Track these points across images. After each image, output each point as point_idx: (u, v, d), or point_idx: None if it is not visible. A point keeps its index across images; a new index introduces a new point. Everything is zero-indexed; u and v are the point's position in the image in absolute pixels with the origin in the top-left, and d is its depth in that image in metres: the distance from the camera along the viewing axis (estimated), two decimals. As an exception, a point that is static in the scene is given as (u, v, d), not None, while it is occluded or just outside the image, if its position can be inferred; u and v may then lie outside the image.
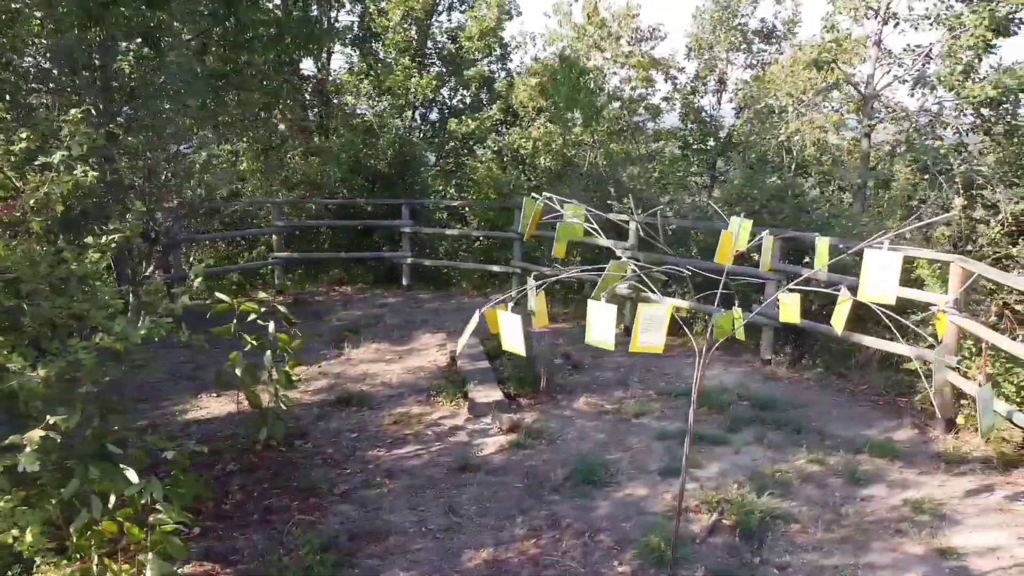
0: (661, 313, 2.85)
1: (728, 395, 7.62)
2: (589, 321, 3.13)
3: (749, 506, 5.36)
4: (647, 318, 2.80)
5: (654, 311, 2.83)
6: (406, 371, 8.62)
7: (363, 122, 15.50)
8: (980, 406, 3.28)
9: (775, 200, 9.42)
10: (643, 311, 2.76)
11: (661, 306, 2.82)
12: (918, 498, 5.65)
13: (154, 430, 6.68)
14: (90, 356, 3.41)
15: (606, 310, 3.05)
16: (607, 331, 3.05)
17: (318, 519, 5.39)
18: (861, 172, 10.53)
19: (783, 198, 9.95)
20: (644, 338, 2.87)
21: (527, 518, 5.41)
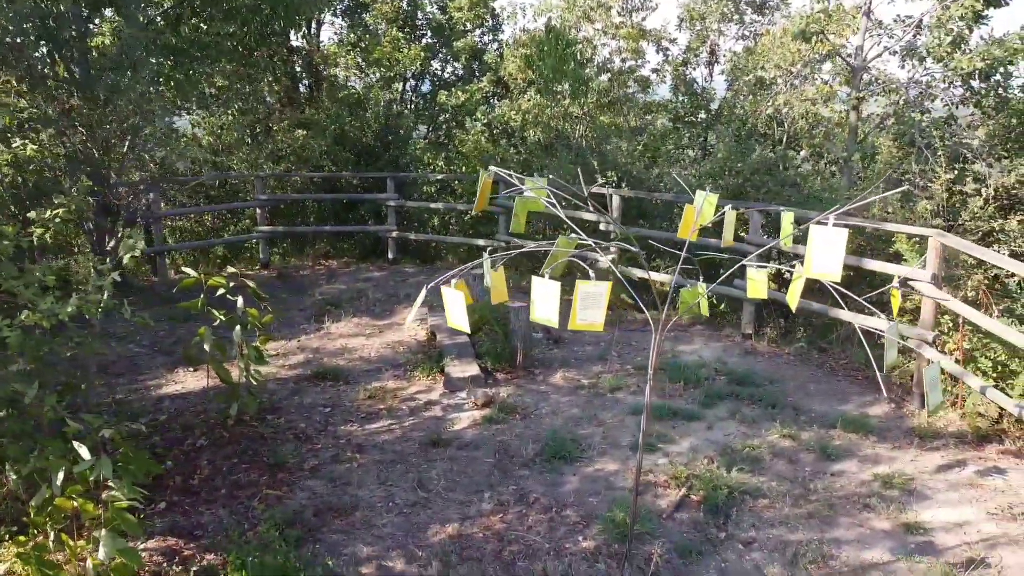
0: (600, 290, 2.78)
1: (706, 370, 7.59)
2: (533, 298, 3.07)
3: (717, 481, 5.35)
4: (586, 295, 2.74)
5: (592, 288, 2.76)
6: (385, 345, 8.58)
7: (351, 94, 15.32)
8: (927, 385, 3.24)
9: (759, 174, 9.32)
10: (581, 288, 2.70)
11: (600, 284, 2.76)
12: (888, 473, 5.63)
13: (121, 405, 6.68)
14: (16, 333, 3.35)
15: (550, 287, 2.99)
16: (551, 308, 2.98)
17: (286, 494, 5.37)
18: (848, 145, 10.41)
19: (769, 171, 9.86)
20: (584, 315, 2.82)
21: (495, 493, 5.39)
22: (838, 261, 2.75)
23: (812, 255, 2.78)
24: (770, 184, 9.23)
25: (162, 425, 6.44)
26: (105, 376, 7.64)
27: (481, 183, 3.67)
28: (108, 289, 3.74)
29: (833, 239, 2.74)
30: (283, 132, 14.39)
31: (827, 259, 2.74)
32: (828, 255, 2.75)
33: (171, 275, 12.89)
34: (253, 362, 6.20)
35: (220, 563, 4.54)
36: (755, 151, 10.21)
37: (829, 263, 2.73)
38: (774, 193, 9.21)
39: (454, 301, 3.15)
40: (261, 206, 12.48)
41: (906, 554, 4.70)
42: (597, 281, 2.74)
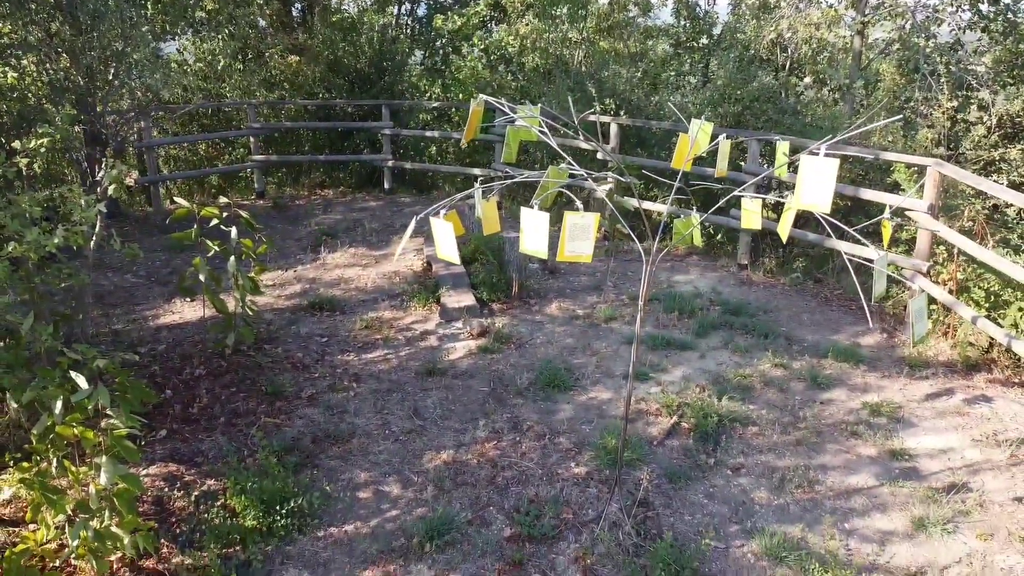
0: (587, 222, 2.77)
1: (700, 300, 7.63)
2: (523, 229, 3.05)
3: (708, 409, 5.43)
4: (573, 226, 2.72)
5: (579, 219, 2.74)
6: (381, 276, 8.59)
7: (344, 19, 14.93)
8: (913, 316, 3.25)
9: (759, 102, 9.17)
10: (568, 219, 2.68)
11: (587, 215, 2.74)
12: (877, 402, 5.72)
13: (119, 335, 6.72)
14: (3, 265, 3.35)
15: (539, 218, 2.96)
16: (540, 239, 2.97)
17: (283, 422, 5.46)
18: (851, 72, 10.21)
19: (770, 98, 9.69)
20: (571, 247, 2.80)
21: (489, 421, 5.48)
22: (828, 192, 2.72)
23: (802, 186, 2.76)
24: (770, 112, 9.08)
25: (160, 355, 6.50)
26: (102, 307, 7.67)
27: (471, 112, 3.61)
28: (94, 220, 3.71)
29: (824, 169, 2.70)
30: (276, 58, 14.09)
31: (817, 190, 2.71)
32: (818, 186, 2.72)
33: (166, 205, 12.84)
34: (249, 293, 6.22)
35: (220, 488, 4.65)
36: (756, 78, 10.02)
37: (819, 194, 2.70)
38: (774, 122, 9.08)
39: (443, 232, 3.13)
40: (255, 135, 12.31)
41: (890, 479, 4.82)
42: (585, 212, 2.72)
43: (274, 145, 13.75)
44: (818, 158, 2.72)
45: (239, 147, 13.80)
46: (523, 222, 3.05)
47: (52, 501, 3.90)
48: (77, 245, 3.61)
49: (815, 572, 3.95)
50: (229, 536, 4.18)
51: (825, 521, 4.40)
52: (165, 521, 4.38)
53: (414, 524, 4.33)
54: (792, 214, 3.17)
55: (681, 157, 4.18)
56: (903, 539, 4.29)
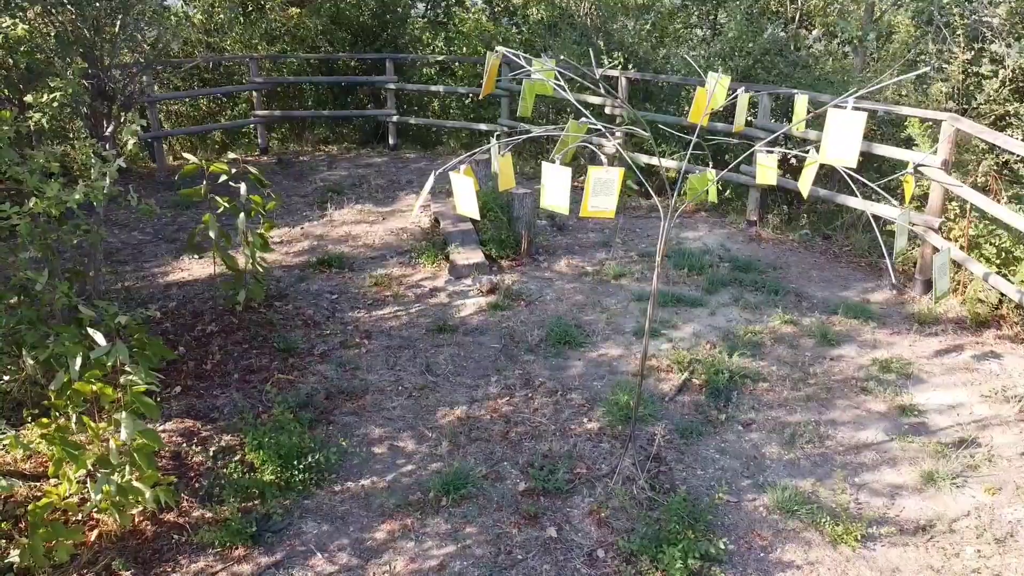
0: (612, 176, 2.74)
1: (709, 256, 7.62)
2: (544, 184, 3.03)
3: (719, 366, 5.46)
4: (597, 181, 2.69)
5: (604, 174, 2.71)
6: (389, 233, 8.57)
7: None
8: (936, 272, 3.24)
9: (770, 55, 9.02)
10: (593, 174, 2.65)
11: (612, 169, 2.71)
12: (887, 358, 5.74)
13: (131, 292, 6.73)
14: (25, 222, 3.33)
15: (560, 173, 2.94)
16: (562, 195, 2.94)
17: (297, 379, 5.50)
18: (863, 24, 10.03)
19: (780, 51, 9.54)
20: (595, 202, 2.78)
21: (501, 377, 5.52)
22: (855, 147, 2.69)
23: (828, 140, 2.72)
24: (781, 66, 8.94)
25: (172, 312, 6.52)
26: (111, 264, 7.67)
27: (488, 65, 3.55)
28: (112, 176, 3.68)
29: (851, 123, 2.67)
30: (276, 10, 13.84)
31: (844, 144, 2.68)
32: (845, 140, 2.68)
33: (170, 161, 12.73)
34: (258, 249, 6.21)
35: (238, 443, 4.70)
36: (767, 30, 9.85)
37: (845, 149, 2.67)
38: (785, 75, 8.95)
39: (463, 187, 3.11)
40: (257, 89, 12.16)
41: (900, 434, 4.86)
42: (609, 167, 2.69)
43: (277, 100, 13.59)
44: (845, 111, 2.68)
45: (241, 102, 13.64)
46: (544, 177, 3.02)
47: (73, 456, 3.95)
48: (96, 201, 3.58)
49: (826, 525, 4.01)
50: (248, 491, 4.24)
51: (835, 476, 4.46)
52: (184, 476, 4.44)
53: (430, 479, 4.39)
54: (814, 169, 3.14)
55: (699, 111, 4.13)
56: (912, 493, 4.34)
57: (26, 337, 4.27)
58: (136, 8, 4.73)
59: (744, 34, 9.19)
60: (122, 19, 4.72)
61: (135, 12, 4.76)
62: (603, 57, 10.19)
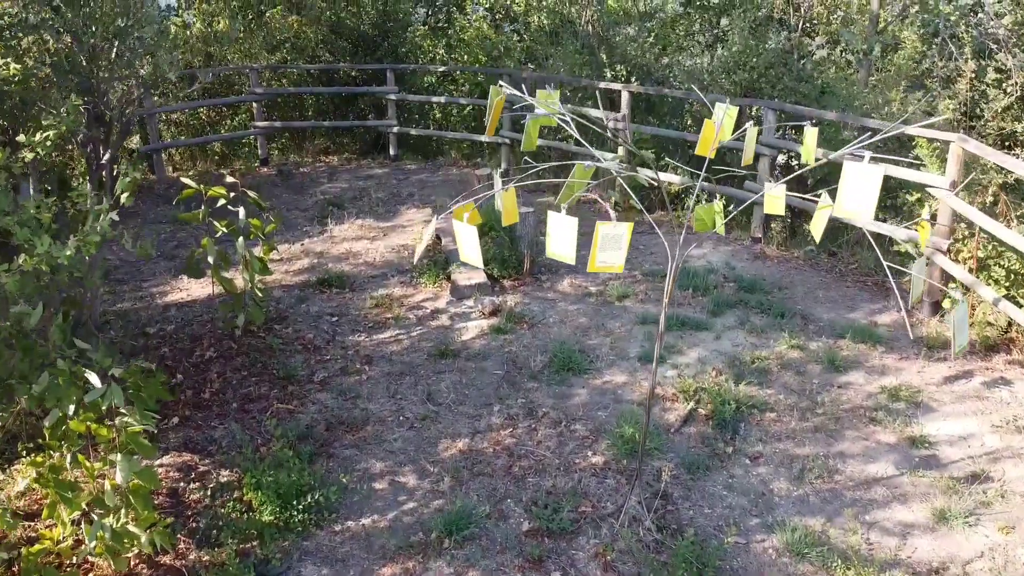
0: (620, 232, 2.65)
1: (714, 276, 7.53)
2: (549, 233, 2.94)
3: (725, 395, 5.37)
4: (605, 237, 2.60)
5: (612, 229, 2.62)
6: (389, 249, 8.48)
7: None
8: (955, 326, 3.15)
9: (774, 68, 8.93)
10: (600, 229, 2.56)
11: (620, 225, 2.62)
12: (895, 385, 5.65)
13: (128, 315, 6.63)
14: (14, 279, 3.24)
15: (567, 223, 2.85)
16: (568, 245, 2.86)
17: (296, 408, 5.42)
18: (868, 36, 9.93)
19: (785, 63, 9.45)
20: (603, 257, 2.69)
21: (504, 407, 5.43)
22: (871, 202, 2.59)
23: (843, 192, 2.63)
24: (786, 80, 8.85)
25: (170, 335, 6.44)
26: (109, 283, 7.59)
27: (493, 104, 3.47)
28: (106, 230, 3.58)
29: (868, 178, 2.58)
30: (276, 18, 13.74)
31: (859, 199, 2.59)
32: (861, 194, 2.59)
33: (170, 172, 12.65)
34: (257, 273, 6.12)
35: (236, 479, 4.61)
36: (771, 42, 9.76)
37: (861, 203, 2.58)
38: (790, 89, 8.86)
39: (466, 235, 3.02)
40: (257, 100, 12.09)
41: (911, 468, 4.77)
42: (617, 222, 2.60)
43: (277, 110, 13.51)
44: (862, 165, 2.59)
45: (241, 112, 13.56)
46: (549, 226, 2.93)
47: (67, 500, 3.86)
48: (89, 254, 3.49)
49: (837, 570, 3.92)
50: (246, 531, 4.15)
51: (846, 513, 4.37)
52: (181, 514, 4.35)
53: (432, 517, 4.30)
54: (826, 215, 3.05)
55: (706, 144, 4.04)
56: (924, 532, 4.25)
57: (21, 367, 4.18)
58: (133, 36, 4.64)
59: (748, 47, 9.10)
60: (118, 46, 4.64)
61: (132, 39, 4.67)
62: (606, 70, 10.11)
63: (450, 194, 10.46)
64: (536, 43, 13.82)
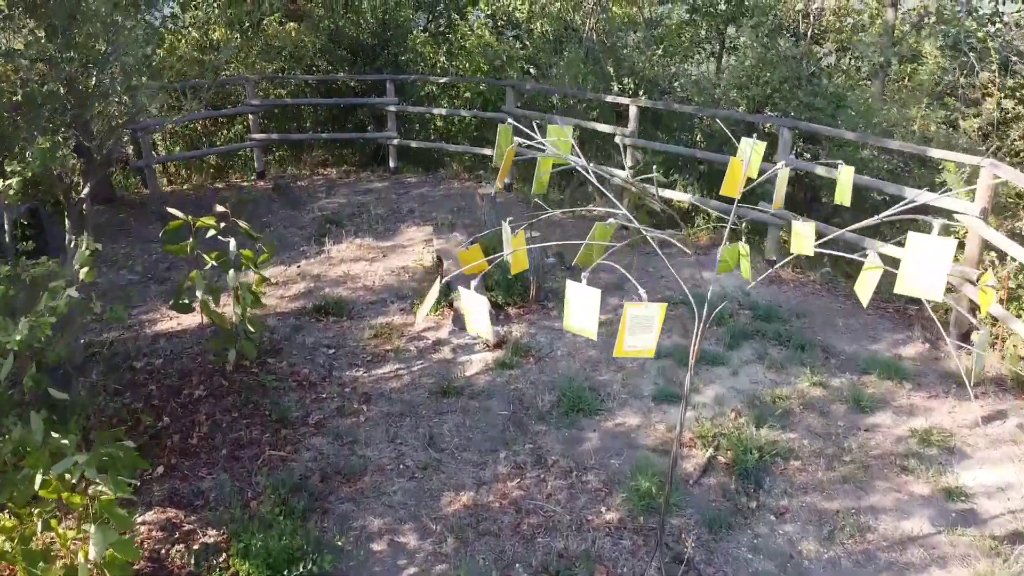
0: (652, 313, 2.31)
1: (729, 304, 7.19)
2: (568, 303, 2.62)
3: (747, 441, 5.04)
4: (634, 318, 2.27)
5: (642, 311, 2.29)
6: (389, 272, 8.15)
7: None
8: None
9: (788, 83, 8.60)
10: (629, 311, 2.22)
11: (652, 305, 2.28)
12: (926, 428, 5.32)
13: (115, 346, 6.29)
14: None
15: (588, 294, 2.53)
16: (589, 318, 2.54)
17: (289, 455, 5.09)
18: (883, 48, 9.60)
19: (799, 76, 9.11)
20: (632, 341, 2.35)
21: (511, 453, 5.10)
22: (941, 278, 2.27)
23: (908, 267, 2.31)
24: (800, 94, 8.52)
25: (158, 371, 6.12)
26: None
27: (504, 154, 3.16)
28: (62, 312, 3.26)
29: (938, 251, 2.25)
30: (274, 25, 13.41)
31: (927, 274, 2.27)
32: (929, 270, 2.27)
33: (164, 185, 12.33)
34: (249, 306, 5.80)
35: (223, 540, 4.29)
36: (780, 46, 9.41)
37: (930, 279, 2.26)
38: (805, 104, 8.53)
39: (474, 305, 2.70)
40: (254, 112, 11.74)
41: (948, 525, 4.45)
42: (648, 302, 2.28)
43: (274, 121, 13.18)
44: (931, 238, 2.27)
45: (237, 124, 13.23)
46: (569, 296, 2.61)
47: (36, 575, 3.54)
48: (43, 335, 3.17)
49: (878, 651, 3.60)
50: (233, 605, 3.83)
51: (882, 580, 4.05)
52: (163, 583, 4.03)
53: (434, 586, 3.98)
54: (875, 278, 2.73)
55: (733, 184, 3.71)
56: (968, 602, 3.93)
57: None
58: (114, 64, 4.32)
59: (761, 61, 8.77)
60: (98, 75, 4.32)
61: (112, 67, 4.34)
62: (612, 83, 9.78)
63: (452, 210, 10.14)
64: (539, 50, 13.50)
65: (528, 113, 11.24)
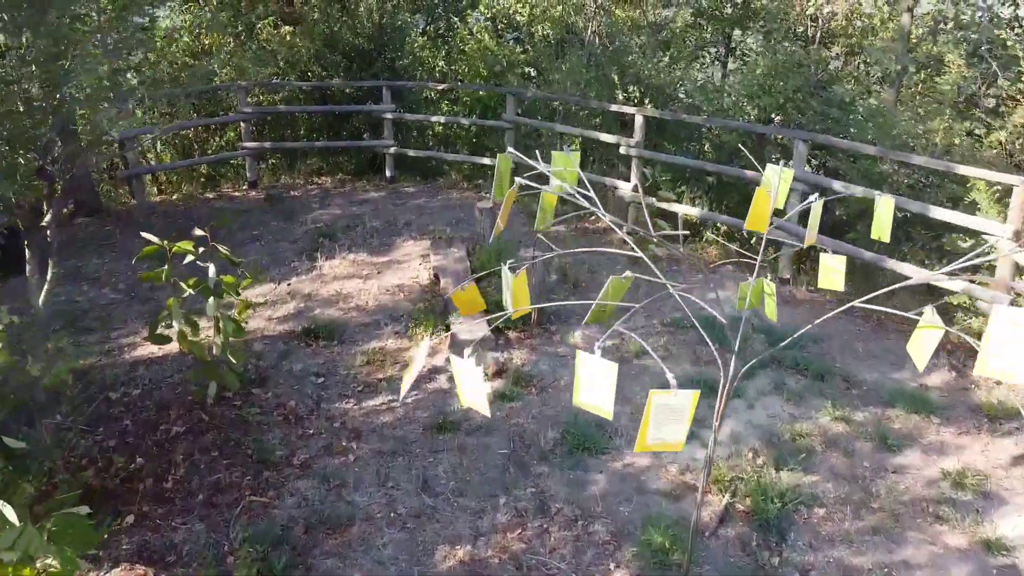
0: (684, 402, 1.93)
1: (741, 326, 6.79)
2: (578, 377, 2.24)
3: (767, 486, 4.66)
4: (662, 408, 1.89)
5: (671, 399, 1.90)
6: (384, 291, 7.76)
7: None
8: None
9: (801, 92, 8.21)
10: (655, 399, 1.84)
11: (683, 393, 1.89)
12: (958, 469, 4.94)
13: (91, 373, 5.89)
14: None
15: (603, 367, 2.15)
16: (604, 395, 2.17)
17: (272, 501, 4.70)
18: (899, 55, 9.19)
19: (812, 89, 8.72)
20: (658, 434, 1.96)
21: (511, 498, 4.72)
22: None
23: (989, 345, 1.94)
24: (814, 104, 8.12)
25: (135, 403, 5.73)
26: (74, 331, 6.89)
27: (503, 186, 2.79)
28: None
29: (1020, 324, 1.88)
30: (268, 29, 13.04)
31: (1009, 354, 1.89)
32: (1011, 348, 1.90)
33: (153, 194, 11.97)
34: (231, 335, 5.41)
35: (195, 603, 3.91)
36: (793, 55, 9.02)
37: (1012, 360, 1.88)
38: (819, 114, 8.13)
39: (467, 375, 2.33)
40: (245, 120, 11.36)
41: (989, 584, 4.07)
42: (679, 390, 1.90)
43: (268, 127, 12.80)
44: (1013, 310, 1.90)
45: (229, 131, 12.85)
46: (580, 369, 2.24)
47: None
48: None
49: None
50: None
51: (921, 652, 3.66)
52: (127, 656, 3.64)
53: (426, 661, 3.60)
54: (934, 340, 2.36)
55: (760, 219, 3.33)
56: (1017, 678, 3.55)
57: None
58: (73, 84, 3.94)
59: (774, 72, 8.36)
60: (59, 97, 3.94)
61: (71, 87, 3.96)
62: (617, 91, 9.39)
63: (451, 222, 9.76)
64: (540, 55, 13.11)
65: (529, 121, 10.86)
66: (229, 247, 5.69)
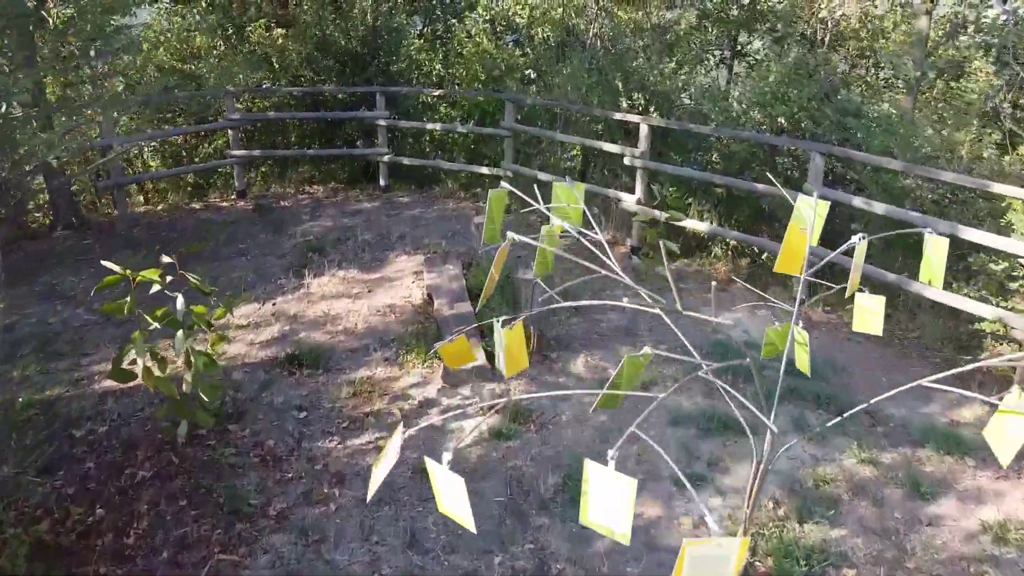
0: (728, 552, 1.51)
1: (756, 353, 6.35)
2: (588, 492, 1.81)
3: (789, 542, 4.22)
4: (698, 561, 1.47)
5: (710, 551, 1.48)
6: (374, 312, 7.31)
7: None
8: None
9: (816, 101, 7.76)
10: (689, 551, 1.43)
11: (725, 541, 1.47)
12: (999, 521, 4.50)
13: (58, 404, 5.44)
14: None
15: (620, 484, 1.72)
16: (620, 516, 1.74)
17: (243, 559, 4.26)
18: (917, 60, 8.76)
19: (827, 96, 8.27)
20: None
21: (507, 556, 4.28)
22: None
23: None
24: (830, 113, 7.67)
25: (99, 442, 5.29)
26: (42, 358, 6.46)
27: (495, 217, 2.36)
28: None
29: None
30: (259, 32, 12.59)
31: None
32: None
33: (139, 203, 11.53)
34: (204, 370, 4.97)
35: None
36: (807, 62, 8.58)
37: None
38: (835, 124, 7.68)
39: (447, 485, 1.89)
40: (233, 127, 10.92)
41: (1043, 663, 3.62)
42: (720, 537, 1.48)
43: (258, 134, 12.35)
44: None
45: (218, 139, 12.39)
46: (590, 482, 1.80)
47: None
48: None
49: None
50: None
51: None
52: None
53: None
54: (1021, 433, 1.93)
55: (794, 260, 2.88)
56: None
57: None
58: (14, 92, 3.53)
59: (787, 77, 7.92)
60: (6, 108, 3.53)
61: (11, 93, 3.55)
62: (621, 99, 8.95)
63: (446, 235, 9.33)
64: (540, 58, 12.67)
65: (529, 129, 10.43)
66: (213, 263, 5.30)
